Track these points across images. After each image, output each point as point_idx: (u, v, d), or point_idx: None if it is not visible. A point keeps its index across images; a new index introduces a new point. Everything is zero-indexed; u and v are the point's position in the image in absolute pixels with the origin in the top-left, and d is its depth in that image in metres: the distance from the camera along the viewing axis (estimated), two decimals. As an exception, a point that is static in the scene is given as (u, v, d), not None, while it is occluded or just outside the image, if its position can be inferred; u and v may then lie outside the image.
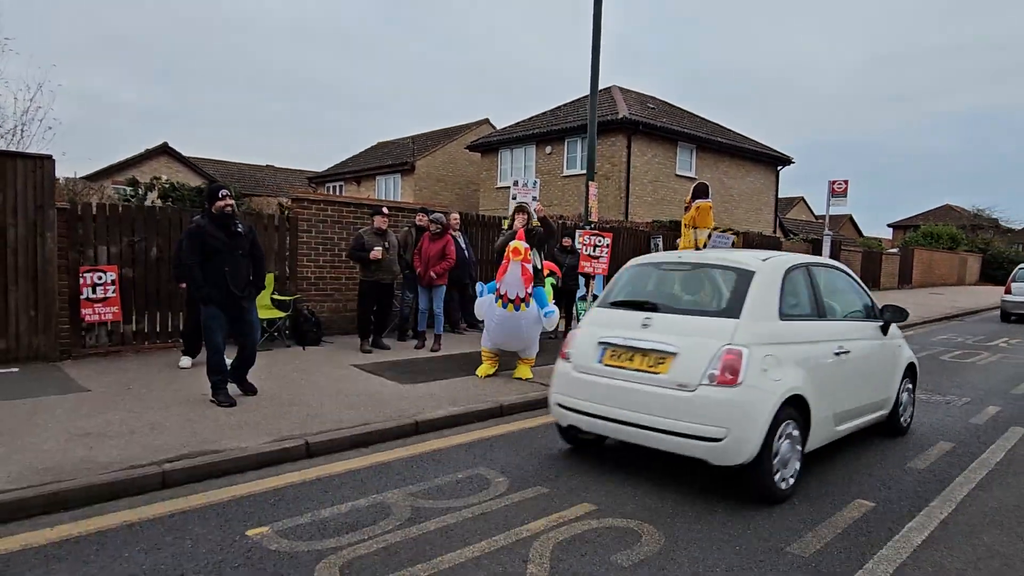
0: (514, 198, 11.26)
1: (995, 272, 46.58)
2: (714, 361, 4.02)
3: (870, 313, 5.61)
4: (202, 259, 5.69)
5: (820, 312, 4.88)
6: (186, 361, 7.33)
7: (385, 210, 8.73)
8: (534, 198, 11.26)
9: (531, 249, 7.03)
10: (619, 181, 20.17)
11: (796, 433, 4.27)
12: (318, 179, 33.71)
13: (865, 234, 58.89)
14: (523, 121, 24.74)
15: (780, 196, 29.43)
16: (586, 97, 24.17)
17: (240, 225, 5.95)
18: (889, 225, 72.26)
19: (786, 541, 3.62)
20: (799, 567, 3.33)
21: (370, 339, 8.79)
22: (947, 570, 3.34)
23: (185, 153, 30.08)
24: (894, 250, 37.63)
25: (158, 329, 8.29)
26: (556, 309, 7.60)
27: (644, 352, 4.35)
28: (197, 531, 3.60)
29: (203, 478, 4.35)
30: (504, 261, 6.83)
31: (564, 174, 21.91)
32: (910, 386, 6.07)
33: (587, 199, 11.47)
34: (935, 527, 3.86)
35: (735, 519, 3.91)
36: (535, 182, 11.36)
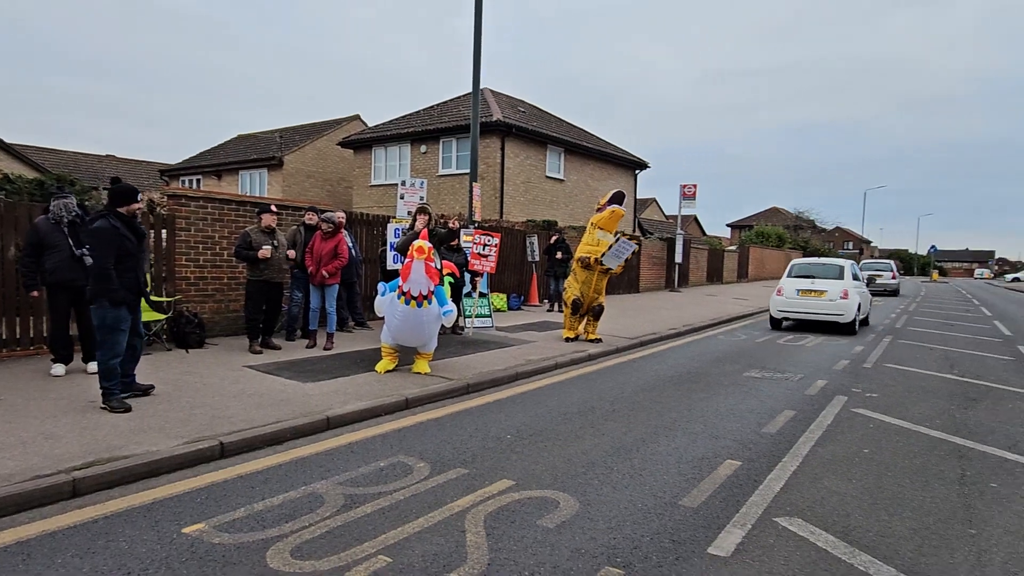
0: (401, 197, 11.40)
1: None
2: (839, 292, 13.44)
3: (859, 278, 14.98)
4: (115, 261, 5.53)
5: (857, 279, 14.17)
6: (59, 369, 6.83)
7: (274, 208, 8.58)
8: (421, 198, 11.47)
9: (433, 249, 7.31)
10: (494, 182, 20.81)
11: (861, 315, 13.48)
12: (171, 172, 31.34)
13: (708, 233, 64.49)
14: (397, 119, 24.68)
15: (637, 198, 31.64)
16: (459, 98, 24.73)
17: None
18: (728, 225, 79.71)
19: (678, 496, 4.26)
20: (691, 515, 3.96)
21: (259, 339, 8.61)
22: (800, 508, 4.13)
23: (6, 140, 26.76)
24: (733, 248, 41.66)
25: (18, 335, 7.61)
26: (455, 307, 7.93)
27: (814, 291, 13.72)
28: (128, 533, 3.57)
29: (116, 484, 4.24)
30: (408, 259, 7.05)
31: (440, 173, 22.19)
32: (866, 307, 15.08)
33: (471, 199, 11.89)
34: (789, 476, 4.69)
35: (634, 482, 4.50)
36: (422, 182, 11.57)
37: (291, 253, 8.79)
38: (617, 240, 10.20)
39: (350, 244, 10.44)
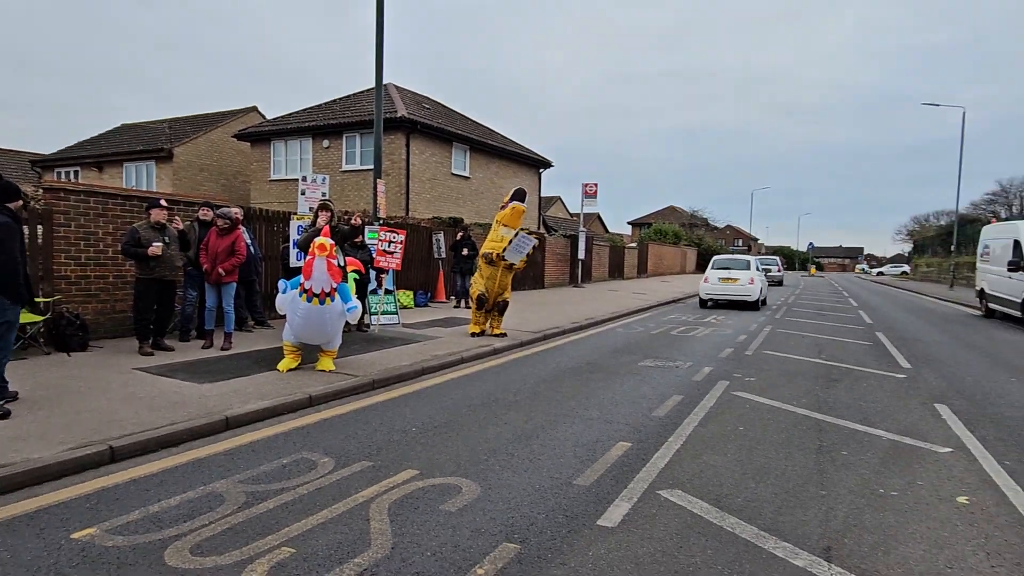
0: (303, 193, 11.19)
1: (707, 263, 55.90)
2: (748, 280, 18.45)
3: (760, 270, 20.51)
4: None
5: (759, 270, 20.10)
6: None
7: (163, 202, 8.22)
8: (323, 194, 11.30)
9: (335, 246, 7.28)
10: (399, 178, 20.69)
11: (765, 297, 19.18)
12: (44, 163, 28.89)
13: (610, 230, 66.67)
14: (298, 112, 23.97)
15: (541, 196, 32.33)
16: (363, 93, 24.36)
17: None
18: (629, 223, 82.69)
19: (572, 476, 4.55)
20: (583, 492, 4.26)
21: (150, 341, 8.24)
22: (680, 481, 4.53)
23: None
24: (633, 245, 43.41)
25: None
26: (359, 304, 7.92)
27: (731, 279, 18.65)
28: (10, 543, 3.42)
29: (-6, 494, 4.03)
30: (309, 257, 6.99)
31: (343, 169, 21.79)
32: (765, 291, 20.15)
33: (375, 196, 11.83)
34: (672, 454, 5.11)
35: (532, 466, 4.76)
36: (324, 178, 11.39)
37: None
38: (517, 235, 10.50)
39: (248, 241, 10.14)
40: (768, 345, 11.42)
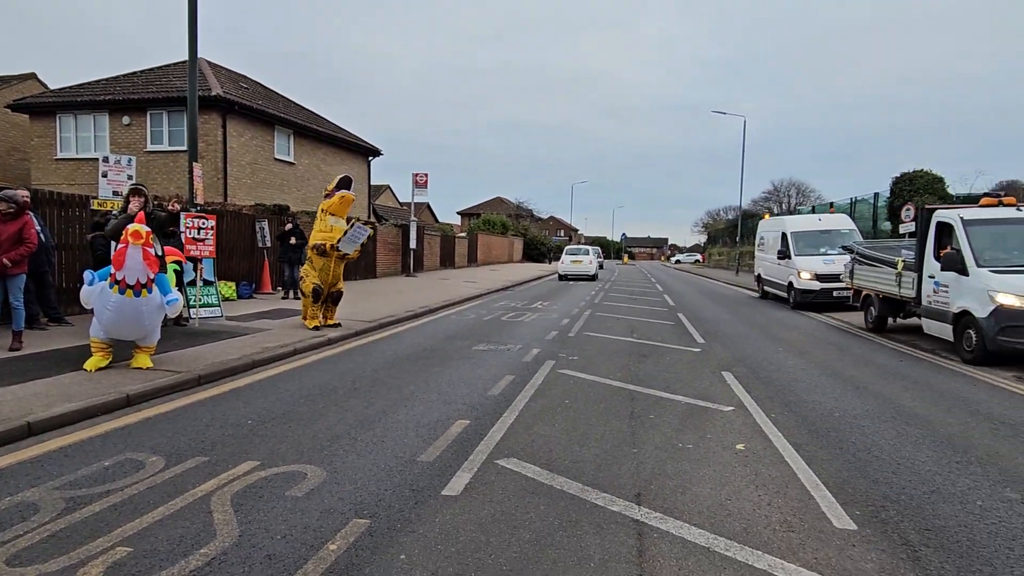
0: (104, 175, 10.10)
1: (532, 252, 58.61)
2: (589, 261, 29.98)
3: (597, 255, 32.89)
4: None
5: (596, 255, 34.95)
6: None
7: (-68, 184, 7.05)
8: (129, 177, 10.29)
9: (152, 233, 6.76)
10: (215, 162, 19.24)
11: (597, 272, 32.17)
12: None
13: (441, 220, 67.14)
14: (90, 84, 21.23)
15: (371, 184, 31.79)
16: (170, 66, 22.36)
17: None
18: (458, 212, 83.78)
19: (416, 454, 4.79)
20: (427, 468, 4.51)
21: (-86, 343, 7.06)
22: (515, 450, 4.95)
23: None
24: (463, 235, 44.21)
25: None
26: (180, 296, 7.43)
27: (578, 261, 29.91)
28: None
29: None
30: (122, 245, 6.44)
31: (148, 149, 19.78)
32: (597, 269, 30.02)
33: (191, 180, 11.03)
34: (507, 428, 5.54)
35: (377, 448, 4.91)
36: (130, 160, 10.36)
37: None
38: (352, 225, 10.42)
39: (38, 228, 8.99)
40: (588, 327, 12.46)
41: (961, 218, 10.75)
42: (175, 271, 8.48)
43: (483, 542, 3.44)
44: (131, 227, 6.51)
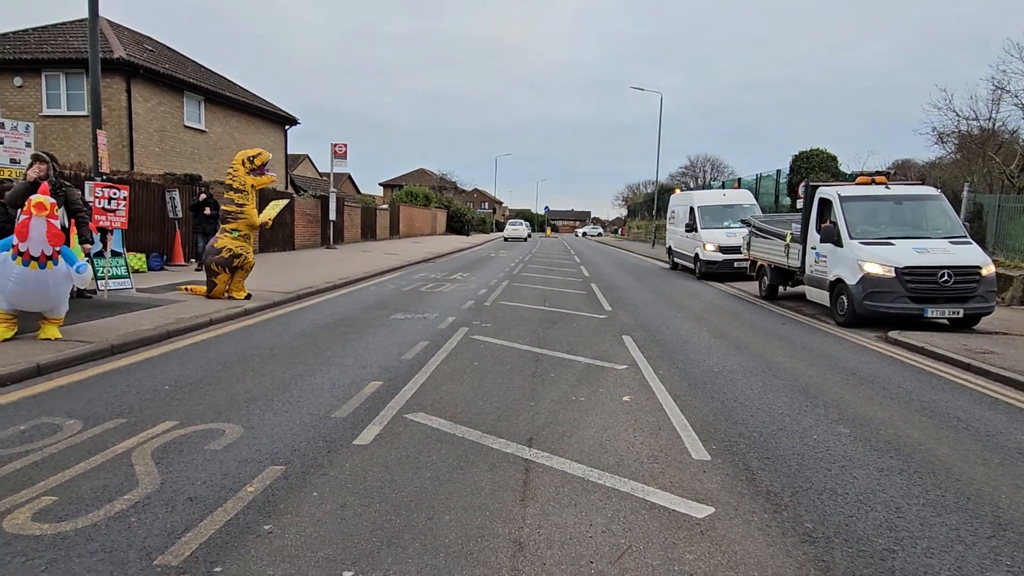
0: (1, 143, 9.66)
1: (456, 224, 58.68)
2: (524, 228, 53.37)
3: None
4: None
5: (528, 225, 54.46)
6: None
7: None
8: (27, 144, 9.88)
9: (56, 205, 6.68)
10: (120, 128, 18.36)
11: (529, 235, 53.19)
12: None
13: (362, 192, 65.92)
14: (-27, 40, 19.66)
15: (288, 154, 31.01)
16: (66, 25, 21.08)
17: None
18: (380, 184, 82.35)
19: (330, 411, 5.16)
20: (341, 423, 4.90)
21: None
22: (424, 406, 5.40)
23: None
24: (385, 206, 43.75)
25: None
26: (89, 265, 7.37)
27: (516, 228, 52.43)
28: None
29: None
30: (25, 216, 6.35)
31: (44, 113, 18.63)
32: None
33: (95, 148, 10.72)
34: (418, 387, 5.97)
35: (293, 407, 5.24)
36: (28, 126, 9.93)
37: None
38: (274, 203, 10.58)
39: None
40: (504, 297, 13.00)
41: (839, 195, 11.90)
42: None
43: (388, 480, 3.89)
44: (35, 198, 6.43)
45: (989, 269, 10.36)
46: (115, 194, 10.31)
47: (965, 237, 11.05)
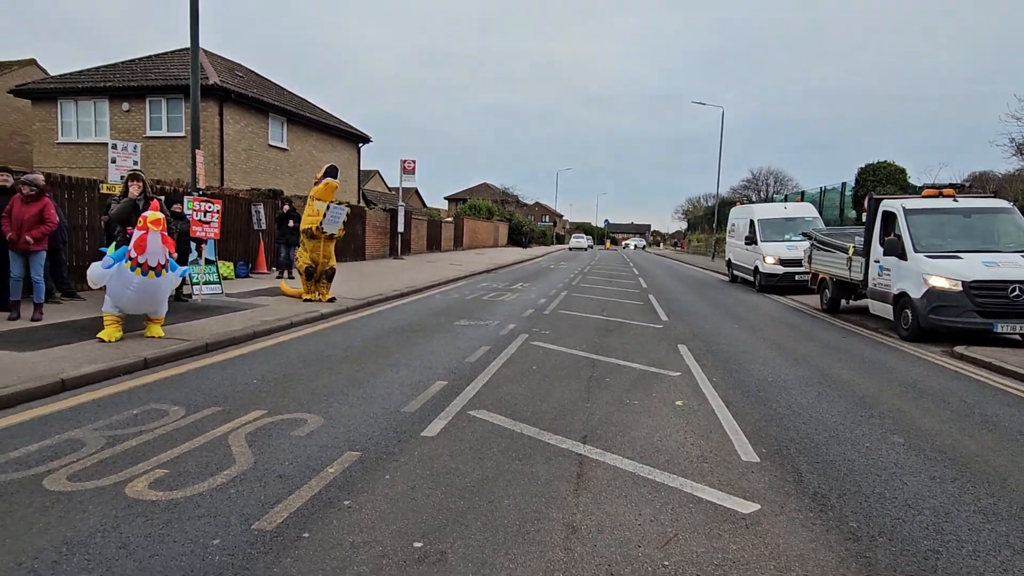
0: (113, 161, 10.62)
1: (518, 237, 59.14)
2: (586, 241, 66.28)
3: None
4: None
5: (590, 238, 56.93)
6: None
7: (-40, 168, 7.59)
8: (135, 162, 10.81)
9: (166, 219, 7.34)
10: (213, 148, 19.64)
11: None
12: None
13: (428, 205, 67.44)
14: (89, 71, 21.46)
15: (361, 169, 32.19)
16: (168, 55, 22.61)
17: None
18: (445, 198, 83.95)
19: (400, 406, 5.49)
20: (410, 416, 5.21)
21: (-55, 313, 7.63)
22: (486, 404, 5.66)
23: None
24: (450, 219, 44.68)
25: None
26: (187, 269, 8.00)
27: (580, 240, 64.49)
28: None
29: None
30: (142, 232, 6.98)
31: (147, 135, 20.12)
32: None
33: (193, 166, 11.57)
34: (480, 387, 6.24)
35: (367, 401, 5.60)
36: (136, 146, 10.89)
37: None
38: (329, 208, 11.16)
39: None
40: (562, 307, 13.19)
41: (903, 207, 11.55)
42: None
43: (453, 468, 4.16)
44: (151, 215, 7.06)
45: (1065, 284, 9.83)
46: (209, 207, 11.15)
47: (1039, 251, 10.52)
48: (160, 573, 2.83)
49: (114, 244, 7.25)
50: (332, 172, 11.35)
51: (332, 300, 11.46)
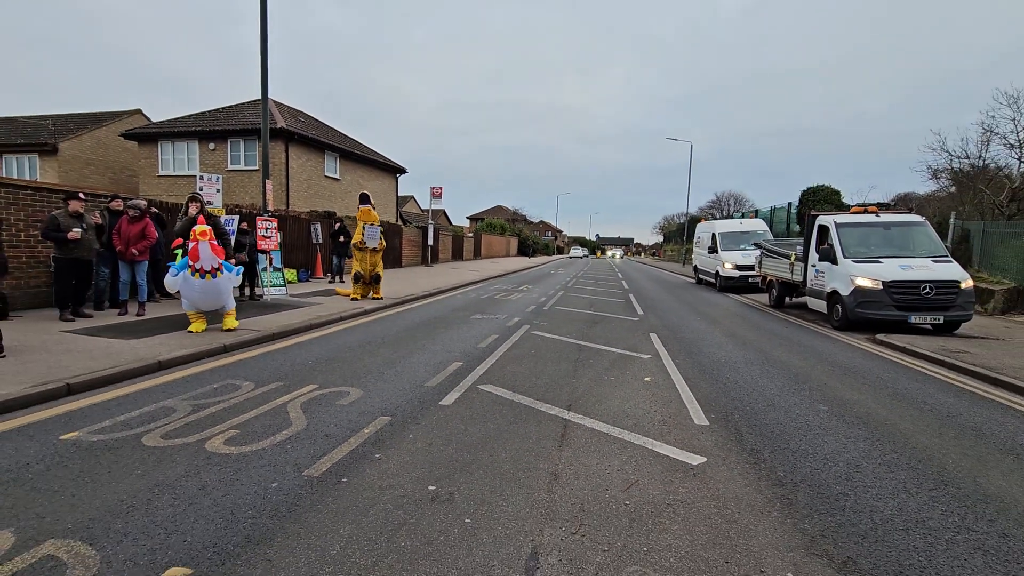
0: (200, 190, 10.81)
1: (525, 248, 59.02)
2: (582, 251, 68.95)
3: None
4: None
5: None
6: None
7: (82, 196, 7.79)
8: (217, 190, 11.00)
9: (212, 229, 7.32)
10: (280, 179, 19.89)
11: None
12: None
13: (453, 223, 67.58)
14: (183, 117, 21.81)
15: (399, 195, 32.39)
16: (244, 104, 22.83)
17: None
18: (467, 217, 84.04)
19: (423, 382, 5.57)
20: (431, 390, 5.29)
21: (70, 309, 7.82)
22: (492, 380, 5.73)
23: None
24: (470, 235, 44.76)
25: None
26: (237, 268, 7.89)
27: (576, 252, 65.06)
28: (9, 446, 3.70)
29: (-27, 420, 4.13)
30: (193, 244, 7.03)
31: (229, 168, 20.41)
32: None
33: (264, 193, 11.73)
34: (488, 367, 6.31)
35: (398, 377, 5.69)
36: (218, 177, 11.07)
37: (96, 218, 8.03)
38: (364, 227, 11.48)
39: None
40: (559, 304, 13.22)
41: (835, 222, 11.48)
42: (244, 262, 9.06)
43: (462, 429, 4.24)
44: (197, 228, 7.13)
45: (967, 283, 9.74)
46: (270, 225, 11.34)
47: (946, 256, 10.42)
48: (230, 508, 2.93)
49: (178, 256, 7.28)
50: (363, 199, 11.74)
51: (381, 299, 11.77)
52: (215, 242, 7.29)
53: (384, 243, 11.90)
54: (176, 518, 2.83)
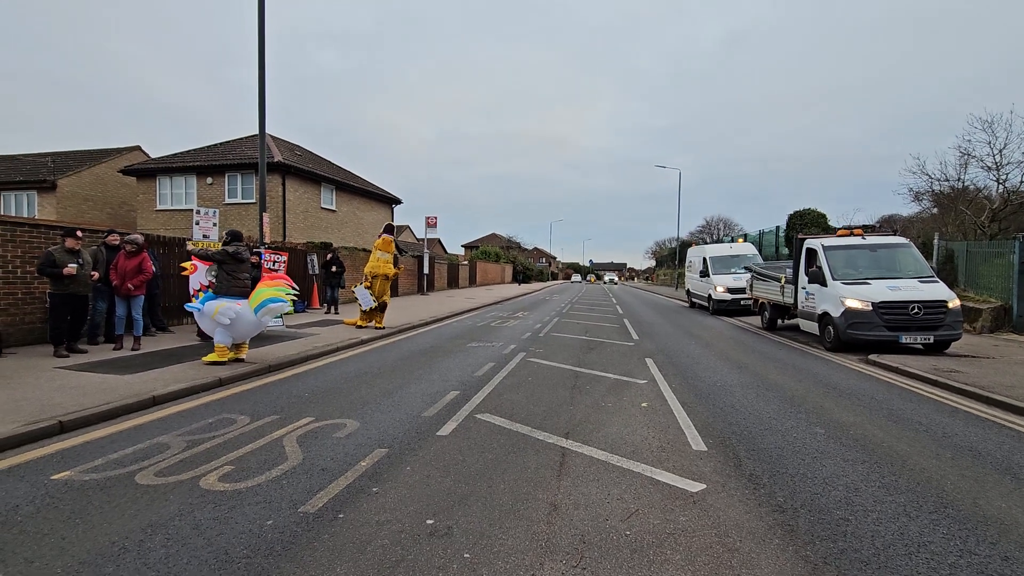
0: (197, 224, 10.83)
1: (519, 276, 59.25)
2: (579, 277, 77.31)
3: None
4: None
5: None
6: None
7: (79, 232, 7.79)
8: (214, 224, 11.03)
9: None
10: (277, 211, 20.00)
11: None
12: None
13: (448, 251, 67.84)
14: (181, 153, 22.02)
15: (394, 225, 32.59)
16: (242, 139, 23.09)
17: None
18: (462, 245, 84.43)
19: (421, 412, 5.50)
20: (428, 420, 5.22)
21: (64, 345, 7.73)
22: (490, 408, 5.67)
23: None
24: (465, 263, 44.91)
25: None
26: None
27: (576, 278, 67.96)
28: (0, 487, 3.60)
29: (-37, 461, 4.03)
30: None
31: (226, 202, 20.52)
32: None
33: (261, 225, 11.78)
34: (485, 396, 6.25)
35: (395, 408, 5.62)
36: (215, 212, 11.11)
37: (95, 274, 7.99)
38: (356, 290, 11.92)
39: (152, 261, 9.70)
40: (554, 330, 13.19)
41: (822, 245, 11.62)
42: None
43: (460, 460, 4.17)
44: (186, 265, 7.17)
45: (955, 302, 9.82)
46: (278, 258, 11.35)
47: (933, 277, 10.53)
48: (223, 548, 2.85)
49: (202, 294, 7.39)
50: (389, 230, 12.09)
51: (382, 328, 11.83)
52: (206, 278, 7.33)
53: (398, 269, 12.30)
54: (169, 559, 2.74)
